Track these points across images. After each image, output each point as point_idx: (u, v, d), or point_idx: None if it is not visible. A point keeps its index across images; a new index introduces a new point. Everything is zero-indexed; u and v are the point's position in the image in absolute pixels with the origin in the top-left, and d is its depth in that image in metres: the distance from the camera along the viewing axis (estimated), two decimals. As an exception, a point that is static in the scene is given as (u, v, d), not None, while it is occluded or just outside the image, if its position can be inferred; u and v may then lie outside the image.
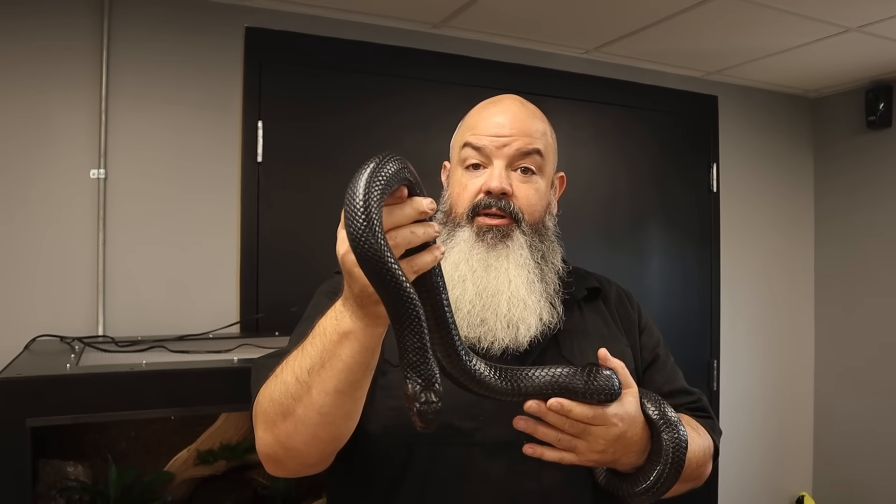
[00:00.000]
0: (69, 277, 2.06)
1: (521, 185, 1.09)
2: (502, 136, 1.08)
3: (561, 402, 0.85)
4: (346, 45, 2.41)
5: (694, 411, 1.16)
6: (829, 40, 2.49)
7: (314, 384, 0.83)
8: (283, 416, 0.86)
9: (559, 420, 0.87)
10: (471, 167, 1.10)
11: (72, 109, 2.08)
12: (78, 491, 1.72)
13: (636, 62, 2.86)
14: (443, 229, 1.09)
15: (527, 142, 1.09)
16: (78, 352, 1.76)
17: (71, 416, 1.44)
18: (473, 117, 1.14)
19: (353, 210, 0.69)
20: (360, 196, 0.70)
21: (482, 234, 1.06)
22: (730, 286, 3.11)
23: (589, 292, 1.17)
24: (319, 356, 0.82)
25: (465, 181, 1.10)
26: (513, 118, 1.10)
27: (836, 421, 3.22)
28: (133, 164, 2.14)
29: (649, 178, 2.95)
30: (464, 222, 1.08)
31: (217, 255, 2.24)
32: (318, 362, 0.82)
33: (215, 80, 2.25)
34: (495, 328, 1.02)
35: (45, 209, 2.05)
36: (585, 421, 0.87)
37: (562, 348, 1.07)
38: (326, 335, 0.81)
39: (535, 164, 1.10)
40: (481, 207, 1.07)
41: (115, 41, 2.12)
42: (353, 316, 0.79)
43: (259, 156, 2.27)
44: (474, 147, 1.09)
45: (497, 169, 1.07)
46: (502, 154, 1.08)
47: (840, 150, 3.23)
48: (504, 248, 1.06)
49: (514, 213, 1.07)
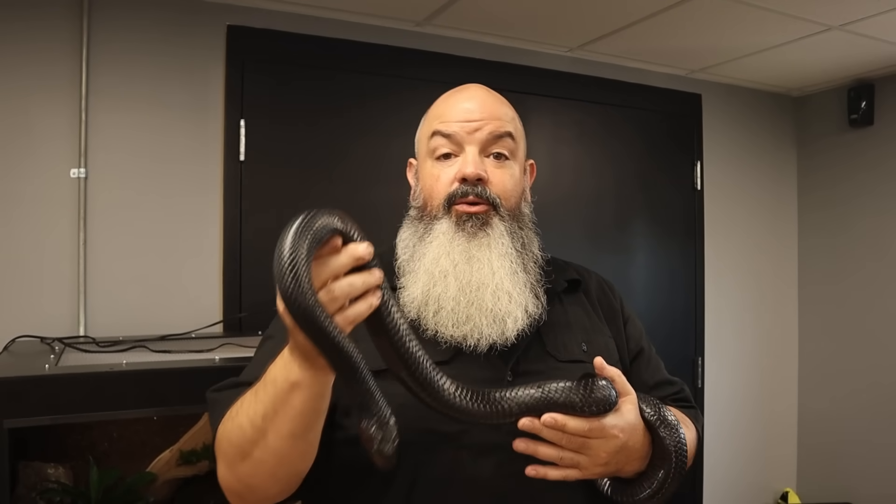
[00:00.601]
0: (49, 277, 2.04)
1: (496, 170, 1.06)
2: (472, 120, 1.06)
3: (554, 417, 0.84)
4: (329, 43, 2.40)
5: (677, 402, 1.17)
6: (811, 38, 2.51)
7: (269, 430, 0.83)
8: (242, 458, 0.87)
9: (556, 436, 0.85)
10: (441, 157, 1.07)
11: (52, 109, 2.06)
12: (58, 493, 1.70)
13: (620, 60, 2.87)
14: (417, 224, 1.08)
15: (498, 125, 1.06)
16: (58, 352, 1.74)
17: (50, 416, 1.42)
18: (440, 107, 1.11)
19: (280, 270, 0.69)
20: (286, 255, 0.69)
21: (461, 223, 1.03)
22: (714, 283, 3.13)
23: (569, 284, 1.15)
24: (272, 403, 0.82)
25: (436, 172, 1.07)
26: (481, 103, 1.08)
27: (820, 417, 3.25)
28: (114, 164, 2.12)
29: (634, 176, 2.96)
30: (441, 214, 1.05)
31: (200, 255, 2.22)
32: (271, 410, 0.82)
33: (197, 78, 2.23)
34: (481, 324, 0.99)
35: (25, 209, 2.03)
36: (583, 434, 0.85)
37: (546, 343, 1.05)
38: (277, 384, 0.82)
39: (507, 148, 1.07)
40: (458, 196, 1.04)
41: (94, 40, 2.10)
42: (301, 367, 0.79)
43: (241, 155, 2.26)
44: (444, 135, 1.06)
45: (470, 155, 1.05)
46: (474, 139, 1.05)
47: (823, 148, 3.26)
48: (485, 237, 1.03)
49: (492, 200, 1.04)
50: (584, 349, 1.07)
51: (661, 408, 0.95)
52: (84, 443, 1.82)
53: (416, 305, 1.01)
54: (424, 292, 1.01)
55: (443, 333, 0.99)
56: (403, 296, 1.02)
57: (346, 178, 2.37)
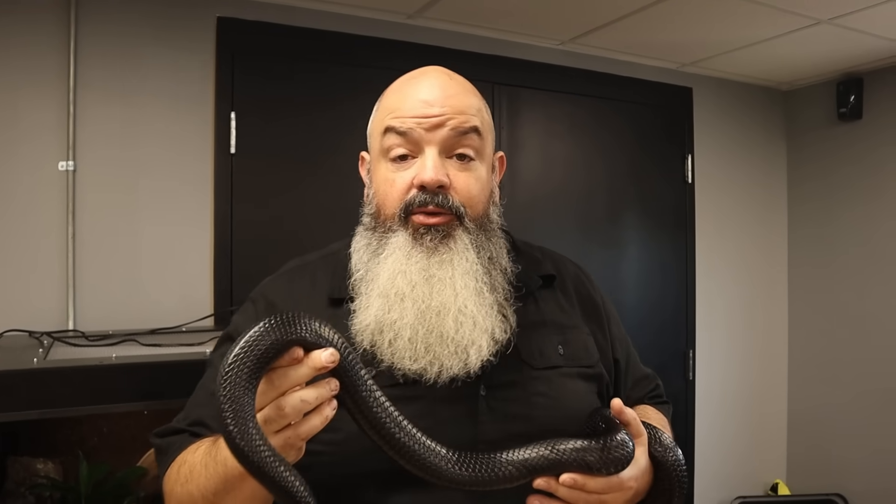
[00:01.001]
0: (38, 271, 2.03)
1: (460, 174, 0.93)
2: (431, 116, 0.91)
3: (574, 478, 0.80)
4: (320, 35, 2.38)
5: (653, 398, 1.15)
6: (800, 32, 2.52)
7: (221, 502, 0.80)
8: None
9: (574, 495, 0.82)
10: (397, 159, 0.93)
11: (40, 102, 2.04)
12: (48, 488, 1.70)
13: (612, 53, 2.87)
14: (371, 236, 0.96)
15: (462, 120, 0.92)
16: (46, 346, 1.73)
17: (38, 410, 1.41)
18: (393, 97, 0.97)
19: (218, 404, 0.66)
20: (224, 390, 0.66)
21: (419, 236, 0.91)
22: (705, 276, 3.14)
23: (543, 280, 1.04)
24: (222, 484, 0.78)
25: (391, 176, 0.93)
26: (442, 93, 0.93)
27: (810, 408, 3.27)
28: (103, 157, 2.10)
29: (625, 169, 2.96)
30: (396, 225, 0.92)
31: (190, 248, 2.21)
32: (222, 489, 0.78)
33: (187, 70, 2.22)
34: (441, 355, 0.88)
35: (13, 202, 2.01)
36: (601, 492, 0.82)
37: (520, 350, 0.95)
38: (227, 468, 0.76)
39: (473, 146, 0.93)
40: (415, 206, 0.91)
41: (82, 32, 2.08)
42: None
43: (232, 147, 2.25)
44: (398, 132, 0.92)
45: (430, 158, 0.91)
46: (434, 138, 0.91)
47: (812, 141, 3.27)
48: (447, 252, 0.91)
49: (455, 209, 0.91)
50: (561, 352, 0.99)
51: (658, 433, 0.93)
52: (74, 438, 1.81)
53: (370, 333, 0.90)
54: (378, 319, 0.90)
55: (399, 366, 0.88)
56: (356, 321, 0.91)
57: (337, 171, 2.36)
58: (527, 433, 0.88)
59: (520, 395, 0.93)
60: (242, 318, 1.00)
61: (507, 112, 2.69)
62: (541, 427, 0.90)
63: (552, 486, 0.81)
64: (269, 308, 0.98)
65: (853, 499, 3.03)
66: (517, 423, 0.90)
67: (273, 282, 1.05)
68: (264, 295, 1.02)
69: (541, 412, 0.92)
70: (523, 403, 0.92)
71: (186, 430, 0.93)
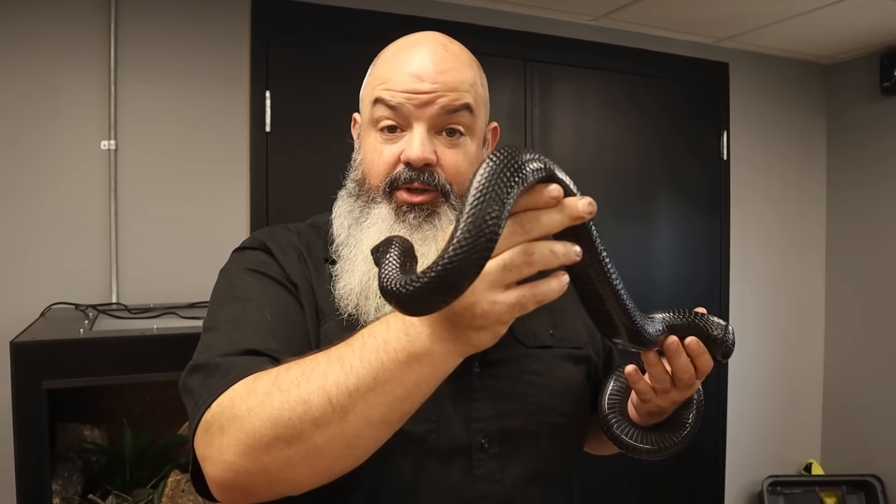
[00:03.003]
0: (82, 247, 2.10)
1: (448, 150, 0.90)
2: (421, 92, 0.88)
3: (699, 343, 0.80)
4: (353, 13, 2.40)
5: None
6: (842, 4, 2.45)
7: (354, 409, 0.64)
8: (289, 442, 0.66)
9: (682, 363, 0.80)
10: (385, 129, 0.90)
11: (81, 82, 2.10)
12: (95, 453, 1.77)
13: (645, 29, 2.83)
14: (354, 203, 0.94)
15: (453, 98, 0.89)
16: (91, 318, 1.80)
17: (85, 378, 1.48)
18: (385, 66, 0.93)
19: (472, 203, 0.54)
20: (481, 187, 0.54)
21: (402, 213, 0.88)
22: (739, 255, 3.11)
23: None
24: (372, 376, 0.63)
25: (379, 147, 0.91)
26: (435, 68, 0.89)
27: (845, 389, 3.22)
28: (143, 135, 2.16)
29: (658, 146, 2.93)
30: (379, 197, 0.90)
31: (226, 224, 2.26)
32: (368, 384, 0.64)
33: (223, 50, 2.26)
34: None
35: (58, 180, 2.08)
36: (700, 372, 0.82)
37: (514, 331, 0.92)
38: (388, 352, 0.63)
39: (463, 123, 0.90)
40: (400, 181, 0.88)
41: (122, 13, 2.13)
42: (438, 337, 0.62)
43: (267, 125, 2.29)
44: (388, 105, 0.89)
45: (417, 135, 0.88)
46: (423, 115, 0.88)
47: (853, 117, 3.19)
48: (430, 229, 0.88)
49: (441, 186, 0.89)
50: (551, 333, 0.97)
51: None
52: (118, 406, 1.89)
53: (355, 297, 0.87)
54: (363, 283, 0.87)
55: None
56: (339, 286, 0.89)
57: (369, 150, 2.38)
58: (521, 411, 0.89)
59: (514, 372, 0.92)
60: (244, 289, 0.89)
61: (539, 89, 2.68)
62: (533, 405, 0.90)
63: (675, 348, 0.79)
64: (280, 249, 0.94)
65: (890, 480, 2.99)
66: (511, 401, 0.90)
67: (264, 232, 1.00)
68: (263, 242, 0.96)
69: (534, 390, 0.92)
70: (517, 381, 0.91)
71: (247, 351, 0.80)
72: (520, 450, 0.89)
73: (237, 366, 0.76)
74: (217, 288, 0.93)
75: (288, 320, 0.87)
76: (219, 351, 0.79)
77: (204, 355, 0.80)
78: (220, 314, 0.87)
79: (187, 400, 0.79)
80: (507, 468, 0.87)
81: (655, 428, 0.91)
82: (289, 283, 0.91)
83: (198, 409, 0.74)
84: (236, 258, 0.97)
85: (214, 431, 0.71)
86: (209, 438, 0.72)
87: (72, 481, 1.68)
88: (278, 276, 0.91)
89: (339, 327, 0.87)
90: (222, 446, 0.69)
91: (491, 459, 0.86)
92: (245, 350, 0.79)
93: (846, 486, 3.06)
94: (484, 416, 0.87)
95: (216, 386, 0.74)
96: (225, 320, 0.85)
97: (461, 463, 0.86)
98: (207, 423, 0.73)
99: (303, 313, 0.89)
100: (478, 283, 0.57)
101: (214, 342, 0.82)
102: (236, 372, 0.74)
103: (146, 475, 1.76)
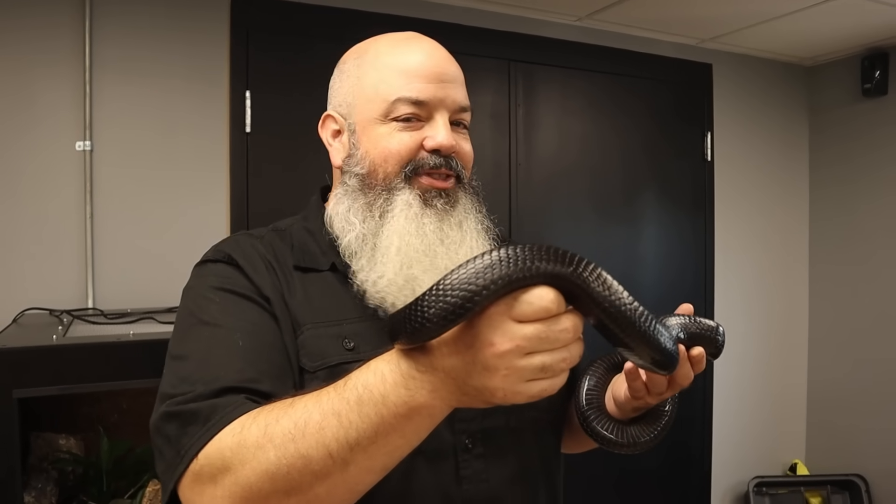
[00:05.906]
0: (57, 251, 2.05)
1: (461, 141, 0.95)
2: (445, 82, 0.93)
3: (702, 353, 0.81)
4: (334, 12, 2.37)
5: None
6: (824, 5, 2.46)
7: (356, 461, 0.65)
8: (288, 493, 0.66)
9: (686, 370, 0.81)
10: (402, 119, 0.92)
11: (56, 82, 2.05)
12: (70, 463, 1.72)
13: (629, 30, 2.83)
14: (368, 196, 0.93)
15: (462, 94, 0.95)
16: (66, 324, 1.75)
17: (58, 386, 1.43)
18: (398, 62, 0.94)
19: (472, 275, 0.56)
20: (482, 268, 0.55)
21: (430, 198, 0.91)
22: (724, 255, 3.11)
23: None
24: (373, 430, 0.64)
25: (397, 135, 0.91)
26: (443, 64, 0.94)
27: (830, 389, 3.24)
28: (119, 136, 2.11)
29: (643, 147, 2.93)
30: (400, 183, 0.91)
31: (206, 227, 2.22)
32: (369, 437, 0.64)
33: (201, 49, 2.21)
34: None
35: (32, 182, 2.03)
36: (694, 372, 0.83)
37: None
38: (388, 406, 0.63)
39: (467, 119, 0.97)
40: (426, 167, 0.91)
41: (98, 11, 2.08)
42: (439, 395, 0.63)
43: (247, 126, 2.25)
44: (414, 102, 0.91)
45: (443, 123, 0.91)
46: (445, 105, 0.92)
47: (835, 118, 3.21)
48: (457, 214, 0.92)
49: (458, 172, 0.93)
50: None
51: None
52: (94, 414, 1.84)
53: (395, 290, 0.86)
54: (406, 275, 0.87)
55: None
56: (372, 277, 0.88)
57: (352, 151, 2.35)
58: (503, 407, 0.85)
59: None
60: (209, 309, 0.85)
61: (523, 89, 2.66)
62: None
63: (681, 360, 0.79)
64: (246, 259, 0.90)
65: (874, 479, 3.01)
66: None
67: (227, 242, 0.96)
68: (227, 254, 0.91)
69: None
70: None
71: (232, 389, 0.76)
72: (503, 449, 0.89)
73: (216, 410, 0.73)
74: (182, 310, 0.88)
75: (263, 341, 0.83)
76: (192, 390, 0.76)
77: (177, 393, 0.76)
78: (189, 342, 0.83)
79: (163, 445, 0.75)
80: (492, 468, 0.88)
81: (633, 421, 0.91)
82: (260, 297, 0.86)
83: (181, 460, 0.72)
84: (200, 274, 0.92)
85: (205, 481, 0.70)
86: (200, 488, 0.70)
87: (46, 492, 1.63)
88: (247, 292, 0.86)
89: (315, 336, 0.86)
90: (216, 497, 0.69)
91: (476, 460, 0.87)
92: (221, 389, 0.75)
93: (831, 486, 3.08)
94: (466, 416, 0.87)
95: (198, 434, 0.72)
96: (194, 349, 0.81)
97: (448, 466, 0.86)
98: (195, 474, 0.71)
99: (278, 328, 0.85)
100: (510, 375, 0.59)
101: (186, 374, 0.78)
102: (217, 418, 0.72)
103: (123, 485, 1.71)
